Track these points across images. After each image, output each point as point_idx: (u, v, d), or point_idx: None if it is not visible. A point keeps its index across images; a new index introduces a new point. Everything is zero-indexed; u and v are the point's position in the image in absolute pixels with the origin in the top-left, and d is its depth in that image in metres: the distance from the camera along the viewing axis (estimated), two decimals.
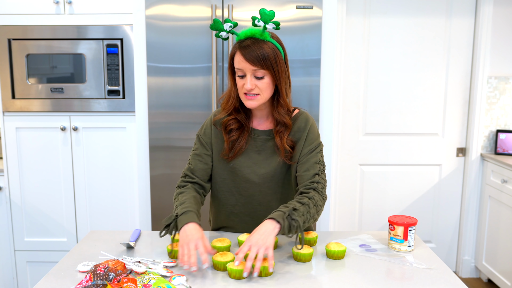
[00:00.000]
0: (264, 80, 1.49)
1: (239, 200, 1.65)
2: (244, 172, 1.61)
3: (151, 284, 1.24)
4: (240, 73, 1.50)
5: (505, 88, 3.14)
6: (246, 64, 1.47)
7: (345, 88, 3.18)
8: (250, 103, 1.52)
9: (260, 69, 1.47)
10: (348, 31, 3.12)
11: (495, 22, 3.07)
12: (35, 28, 2.61)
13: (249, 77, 1.48)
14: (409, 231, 1.53)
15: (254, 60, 1.46)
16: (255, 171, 1.60)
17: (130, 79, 2.64)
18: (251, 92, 1.50)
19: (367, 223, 3.34)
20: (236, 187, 1.64)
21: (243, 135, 1.59)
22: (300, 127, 1.60)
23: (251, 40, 1.48)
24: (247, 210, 1.65)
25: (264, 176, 1.60)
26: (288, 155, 1.58)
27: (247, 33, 1.50)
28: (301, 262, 1.44)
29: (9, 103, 2.66)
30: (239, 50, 1.49)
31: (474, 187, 3.22)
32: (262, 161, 1.60)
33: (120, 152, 2.72)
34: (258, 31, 1.50)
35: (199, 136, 1.66)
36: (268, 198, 1.63)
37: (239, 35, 1.51)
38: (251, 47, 1.46)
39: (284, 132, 1.57)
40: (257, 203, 1.64)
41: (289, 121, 1.57)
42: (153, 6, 2.47)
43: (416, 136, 3.24)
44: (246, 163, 1.61)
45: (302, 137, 1.60)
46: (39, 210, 2.76)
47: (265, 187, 1.62)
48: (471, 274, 3.30)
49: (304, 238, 1.47)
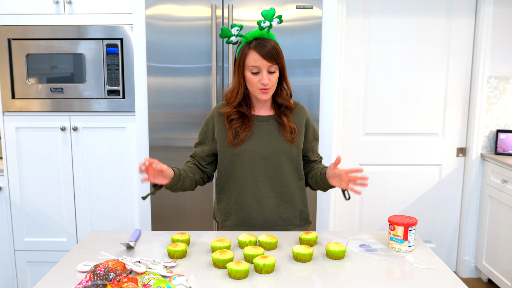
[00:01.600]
0: (275, 74, 1.69)
1: (245, 182, 1.75)
2: (249, 154, 1.74)
3: (151, 284, 1.24)
4: (256, 70, 1.66)
5: (505, 88, 3.14)
6: (263, 62, 1.64)
7: (345, 88, 3.18)
8: (265, 96, 1.70)
9: (274, 64, 1.66)
10: (348, 31, 3.12)
11: (495, 22, 3.07)
12: (35, 28, 2.61)
13: (265, 73, 1.66)
14: (409, 231, 1.53)
15: (271, 57, 1.65)
16: (259, 152, 1.74)
17: (130, 79, 2.64)
18: (267, 86, 1.67)
19: (367, 223, 3.33)
20: (242, 169, 1.75)
21: (247, 124, 1.74)
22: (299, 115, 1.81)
23: (261, 40, 1.66)
24: (252, 192, 1.75)
25: (267, 155, 1.74)
26: (291, 135, 1.75)
27: (255, 34, 1.67)
28: (301, 262, 1.44)
29: (9, 103, 2.66)
30: (254, 49, 1.65)
31: (474, 187, 3.22)
32: (265, 142, 1.74)
33: (120, 152, 2.72)
34: (264, 32, 1.68)
35: (201, 128, 1.83)
36: (272, 178, 1.76)
37: (247, 37, 1.68)
38: (266, 46, 1.65)
39: (288, 114, 1.77)
40: (262, 184, 1.75)
41: (291, 104, 1.78)
42: (153, 6, 2.47)
43: (416, 136, 3.24)
44: (251, 146, 1.74)
45: (303, 123, 1.80)
46: (39, 210, 2.76)
47: (269, 167, 1.75)
48: (471, 274, 3.30)
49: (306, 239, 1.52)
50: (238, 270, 1.31)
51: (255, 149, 1.74)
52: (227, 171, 1.78)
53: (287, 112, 1.77)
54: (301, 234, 1.59)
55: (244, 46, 1.68)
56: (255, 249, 1.44)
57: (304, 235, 1.58)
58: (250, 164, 1.74)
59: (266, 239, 1.54)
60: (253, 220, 1.76)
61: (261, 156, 1.74)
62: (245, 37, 1.68)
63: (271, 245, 1.54)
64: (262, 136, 1.75)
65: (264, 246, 1.53)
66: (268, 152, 1.74)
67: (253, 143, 1.74)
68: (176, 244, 1.48)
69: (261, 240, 1.54)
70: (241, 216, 1.77)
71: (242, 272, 1.31)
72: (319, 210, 2.64)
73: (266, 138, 1.75)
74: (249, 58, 1.66)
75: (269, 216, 1.76)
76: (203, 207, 2.62)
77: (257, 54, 1.64)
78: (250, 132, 1.74)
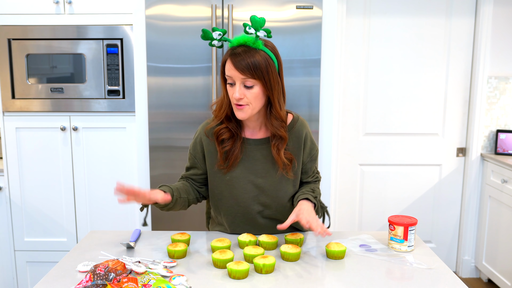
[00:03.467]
0: (254, 90, 1.44)
1: (238, 211, 1.64)
2: (241, 183, 1.59)
3: (151, 284, 1.24)
4: (230, 80, 1.46)
5: (505, 88, 3.14)
6: (235, 72, 1.42)
7: (345, 88, 3.18)
8: (240, 114, 1.48)
9: (249, 78, 1.42)
10: (348, 31, 3.12)
11: (495, 22, 3.07)
12: (35, 28, 2.61)
13: (238, 86, 1.44)
14: (409, 231, 1.53)
15: (244, 69, 1.41)
16: (252, 181, 1.59)
17: (130, 79, 2.64)
18: (239, 102, 1.45)
19: (367, 223, 3.33)
20: (234, 198, 1.62)
21: (236, 144, 1.55)
22: (299, 137, 1.60)
23: (242, 48, 1.44)
24: (246, 220, 1.66)
25: (262, 186, 1.60)
26: (286, 167, 1.56)
27: (239, 40, 1.45)
28: (287, 261, 1.45)
29: (9, 103, 2.66)
30: (230, 57, 1.44)
31: (474, 187, 3.22)
32: (259, 171, 1.59)
33: (120, 152, 2.72)
34: (251, 38, 1.45)
35: (189, 153, 1.66)
36: (267, 207, 1.64)
37: (231, 42, 1.47)
38: (241, 55, 1.42)
39: (280, 145, 1.53)
40: (256, 212, 1.64)
41: (284, 134, 1.53)
42: (153, 6, 2.47)
43: (416, 136, 3.24)
44: (243, 173, 1.59)
45: (300, 148, 1.60)
46: (39, 210, 2.76)
47: (264, 197, 1.62)
48: (471, 274, 3.30)
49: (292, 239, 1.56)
50: (238, 270, 1.31)
51: (248, 177, 1.58)
52: (216, 201, 1.66)
53: (278, 143, 1.53)
54: (287, 235, 1.59)
55: (226, 52, 1.48)
56: (255, 249, 1.44)
57: (290, 236, 1.58)
58: (243, 194, 1.60)
59: (266, 239, 1.54)
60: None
61: (254, 185, 1.59)
62: (230, 41, 1.48)
63: (271, 245, 1.54)
64: (255, 162, 1.57)
65: (264, 246, 1.53)
66: (262, 182, 1.58)
67: (245, 170, 1.57)
68: (176, 244, 1.48)
69: (261, 240, 1.54)
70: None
71: (242, 272, 1.31)
72: None
73: (260, 165, 1.57)
74: (226, 66, 1.46)
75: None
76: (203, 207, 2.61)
77: (231, 63, 1.43)
78: (241, 155, 1.55)
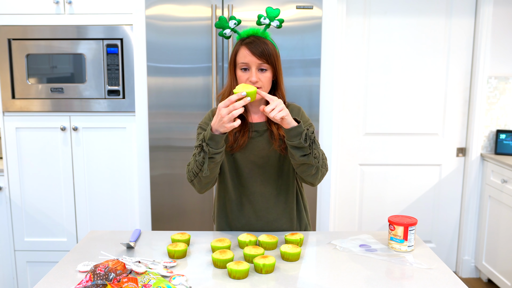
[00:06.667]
0: (267, 73, 1.60)
1: (242, 192, 1.71)
2: (245, 162, 1.69)
3: (151, 284, 1.24)
4: (245, 66, 1.59)
5: (505, 88, 3.14)
6: (252, 58, 1.57)
7: (345, 88, 3.18)
8: None
9: (264, 63, 1.58)
10: (348, 31, 3.12)
11: (495, 22, 3.07)
12: (35, 28, 2.61)
13: (254, 70, 1.58)
14: (409, 231, 1.53)
15: (260, 54, 1.57)
16: (254, 161, 1.68)
17: (130, 79, 2.64)
18: (256, 85, 1.57)
19: (367, 223, 3.33)
20: (238, 177, 1.71)
21: (245, 129, 1.66)
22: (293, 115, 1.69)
23: (254, 37, 1.60)
24: (247, 200, 1.71)
25: (262, 164, 1.69)
26: (282, 144, 1.65)
27: (249, 32, 1.62)
28: (287, 261, 1.45)
29: (9, 103, 2.66)
30: (244, 45, 1.59)
31: (474, 187, 3.22)
32: (259, 151, 1.68)
33: (120, 152, 2.72)
34: (259, 30, 1.62)
35: (201, 126, 1.69)
36: (268, 187, 1.71)
37: (241, 34, 1.62)
38: (256, 42, 1.58)
39: None
40: (258, 194, 1.71)
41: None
42: (153, 6, 2.47)
43: (416, 136, 3.24)
44: (246, 153, 1.68)
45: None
46: (39, 210, 2.76)
47: (265, 176, 1.69)
48: (471, 274, 3.30)
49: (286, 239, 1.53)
50: (238, 270, 1.31)
51: (251, 158, 1.68)
52: (222, 179, 1.73)
53: None
54: (287, 235, 1.59)
55: (237, 43, 1.62)
56: (255, 249, 1.44)
57: (290, 236, 1.58)
58: (245, 174, 1.69)
59: (266, 239, 1.54)
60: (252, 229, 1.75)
61: (256, 165, 1.69)
62: (239, 33, 1.62)
63: (271, 245, 1.54)
64: (253, 146, 1.67)
65: (264, 246, 1.53)
66: (263, 162, 1.68)
67: (248, 152, 1.67)
68: (176, 244, 1.49)
69: (261, 240, 1.54)
70: (242, 223, 1.75)
71: (242, 272, 1.31)
72: (319, 210, 2.64)
73: (261, 146, 1.68)
74: (239, 55, 1.60)
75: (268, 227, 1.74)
76: (203, 207, 2.61)
77: (247, 50, 1.57)
78: (248, 138, 1.66)
